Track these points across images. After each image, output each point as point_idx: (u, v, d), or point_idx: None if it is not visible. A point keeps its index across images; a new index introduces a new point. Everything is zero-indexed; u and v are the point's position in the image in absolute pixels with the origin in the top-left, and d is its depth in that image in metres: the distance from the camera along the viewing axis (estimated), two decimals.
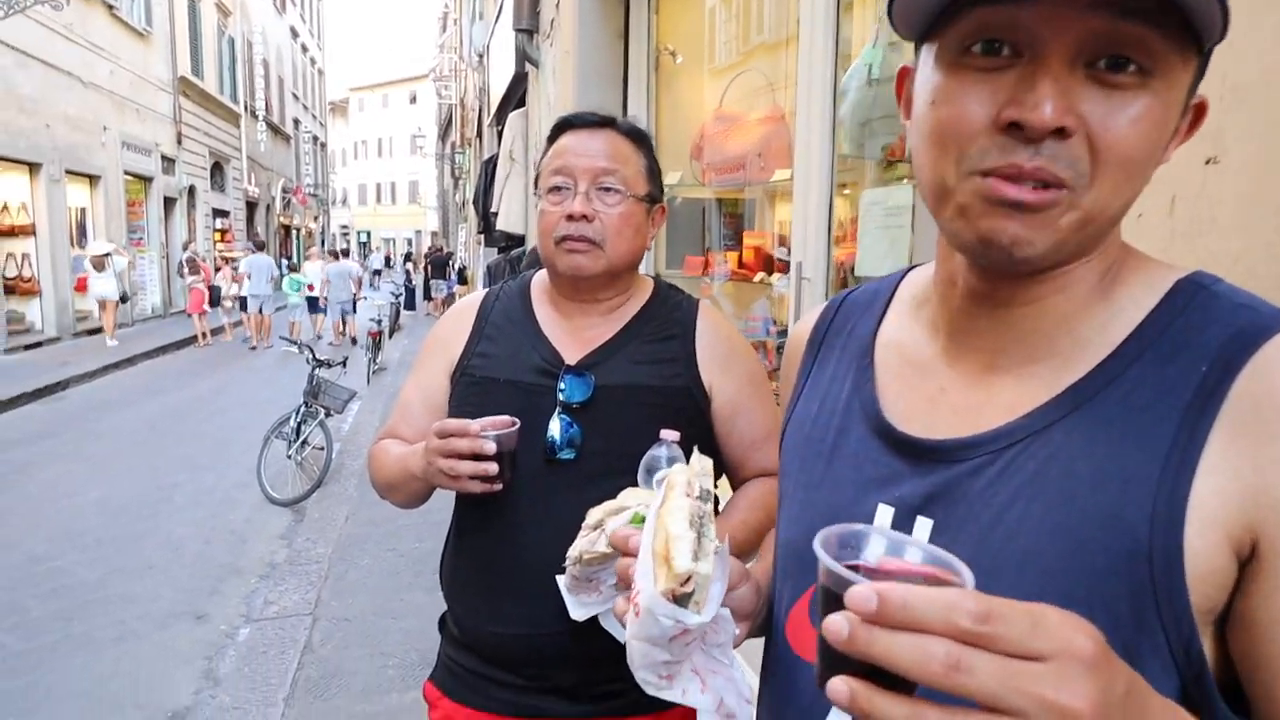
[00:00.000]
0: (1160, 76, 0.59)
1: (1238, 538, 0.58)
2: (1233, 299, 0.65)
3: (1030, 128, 0.59)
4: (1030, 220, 0.61)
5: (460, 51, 20.09)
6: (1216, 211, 1.04)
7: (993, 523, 0.65)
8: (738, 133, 3.79)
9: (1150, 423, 0.61)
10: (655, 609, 0.72)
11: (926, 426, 0.73)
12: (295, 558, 5.05)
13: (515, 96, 8.61)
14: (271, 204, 32.04)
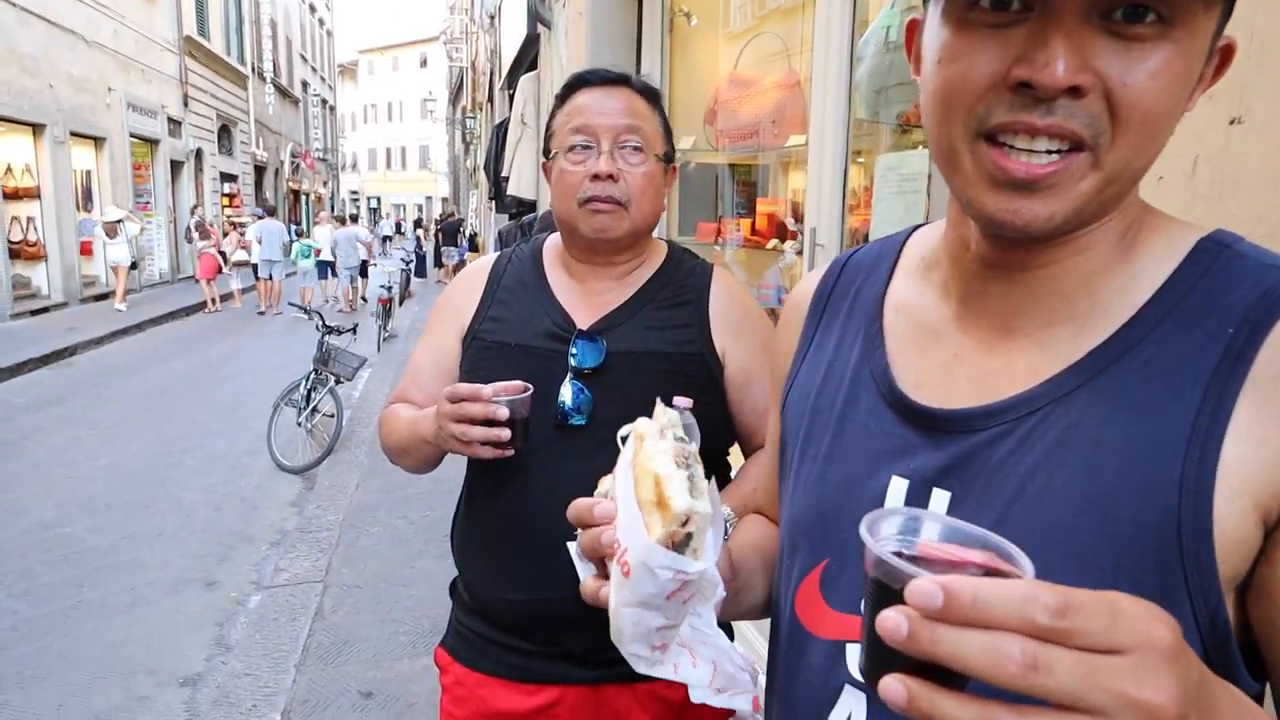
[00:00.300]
0: (1181, 25, 0.56)
1: (1265, 505, 0.57)
2: (1259, 259, 0.63)
3: (1042, 87, 0.56)
4: (1045, 195, 0.59)
5: (471, 13, 19.84)
6: (1240, 173, 1.01)
7: (1014, 494, 0.63)
8: (752, 98, 3.71)
9: (1177, 388, 0.59)
10: (652, 560, 0.66)
11: (940, 395, 0.70)
12: (306, 525, 5.06)
13: (527, 59, 8.48)
14: (280, 168, 31.92)
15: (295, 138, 34.71)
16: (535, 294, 1.51)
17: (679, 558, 0.66)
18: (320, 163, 39.91)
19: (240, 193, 25.48)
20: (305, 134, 36.99)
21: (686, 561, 0.66)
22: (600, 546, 0.71)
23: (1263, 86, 0.97)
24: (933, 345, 0.73)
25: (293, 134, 34.30)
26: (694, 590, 0.70)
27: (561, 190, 1.45)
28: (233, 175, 25.25)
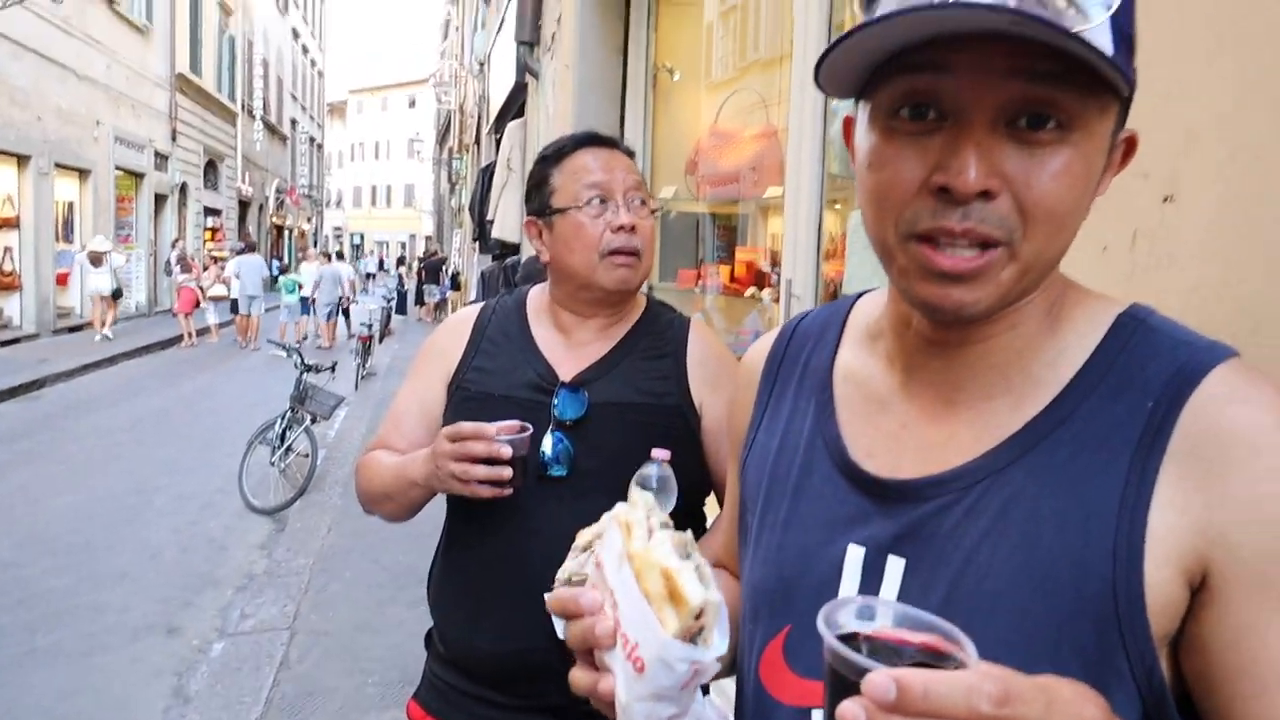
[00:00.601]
0: (1079, 129, 0.62)
1: (1189, 569, 0.61)
2: (1171, 334, 0.68)
3: (956, 192, 0.61)
4: (971, 284, 0.64)
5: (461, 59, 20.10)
6: (1174, 246, 1.07)
7: (964, 563, 0.66)
8: (732, 149, 3.76)
9: (1105, 460, 0.64)
10: (669, 655, 0.66)
11: (891, 464, 0.74)
12: (274, 569, 4.97)
13: (515, 106, 8.57)
14: (265, 204, 31.95)
15: (282, 174, 34.80)
16: (519, 345, 1.54)
17: (695, 649, 0.66)
18: (305, 199, 39.99)
19: (223, 227, 25.45)
20: (292, 170, 37.10)
21: (702, 651, 0.66)
22: (592, 639, 0.70)
23: (1190, 170, 1.04)
24: (881, 415, 0.77)
25: (279, 170, 34.39)
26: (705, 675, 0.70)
27: (580, 244, 1.48)
28: (217, 209, 25.23)
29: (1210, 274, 1.02)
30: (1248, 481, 0.60)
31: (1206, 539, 0.61)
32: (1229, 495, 0.60)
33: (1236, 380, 0.63)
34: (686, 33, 4.21)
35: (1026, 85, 0.60)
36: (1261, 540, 0.60)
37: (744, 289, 3.56)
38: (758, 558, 0.81)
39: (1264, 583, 0.59)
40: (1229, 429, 0.61)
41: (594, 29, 4.31)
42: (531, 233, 1.58)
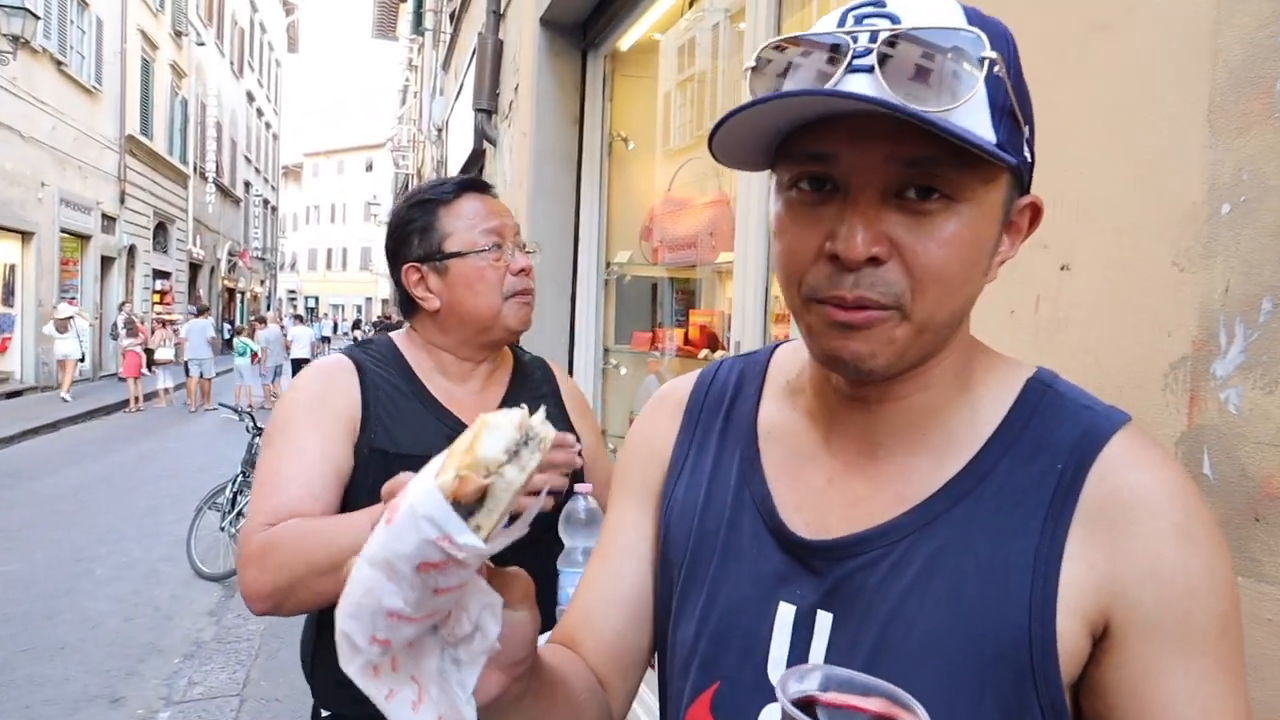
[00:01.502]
0: (964, 200, 0.65)
1: (1093, 620, 0.67)
2: (1075, 399, 0.74)
3: (845, 260, 0.65)
4: (865, 337, 0.67)
5: (419, 124, 20.33)
6: (1071, 311, 1.18)
7: (890, 617, 0.70)
8: (686, 215, 3.89)
9: (1021, 519, 0.69)
10: (420, 505, 0.52)
11: (818, 519, 0.76)
12: (224, 635, 4.87)
13: (472, 172, 8.71)
14: (216, 266, 31.61)
15: (234, 236, 34.53)
16: (417, 399, 1.49)
17: (454, 516, 0.52)
18: (259, 261, 39.66)
19: (173, 290, 25.11)
20: (245, 233, 36.84)
21: (460, 526, 0.52)
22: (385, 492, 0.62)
23: (1084, 240, 1.16)
24: (807, 470, 0.79)
25: (232, 232, 34.14)
26: (457, 592, 0.56)
27: (485, 286, 1.49)
28: (166, 272, 24.92)
29: (1101, 337, 1.14)
30: (1146, 541, 0.66)
31: (1109, 593, 0.66)
32: (1130, 553, 0.66)
33: (1134, 447, 0.70)
34: (641, 103, 4.37)
35: (905, 170, 0.64)
36: (1157, 594, 0.65)
37: (698, 351, 3.66)
38: (685, 613, 0.81)
39: (1159, 634, 0.65)
40: (1129, 493, 0.67)
41: (551, 99, 4.46)
42: (411, 279, 1.52)
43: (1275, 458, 0.94)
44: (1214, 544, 0.68)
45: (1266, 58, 0.96)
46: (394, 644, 0.56)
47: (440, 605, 0.56)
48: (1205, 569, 0.66)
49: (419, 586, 0.53)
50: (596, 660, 0.86)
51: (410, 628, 0.56)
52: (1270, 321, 0.95)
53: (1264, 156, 0.95)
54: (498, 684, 0.63)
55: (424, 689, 0.59)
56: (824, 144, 0.66)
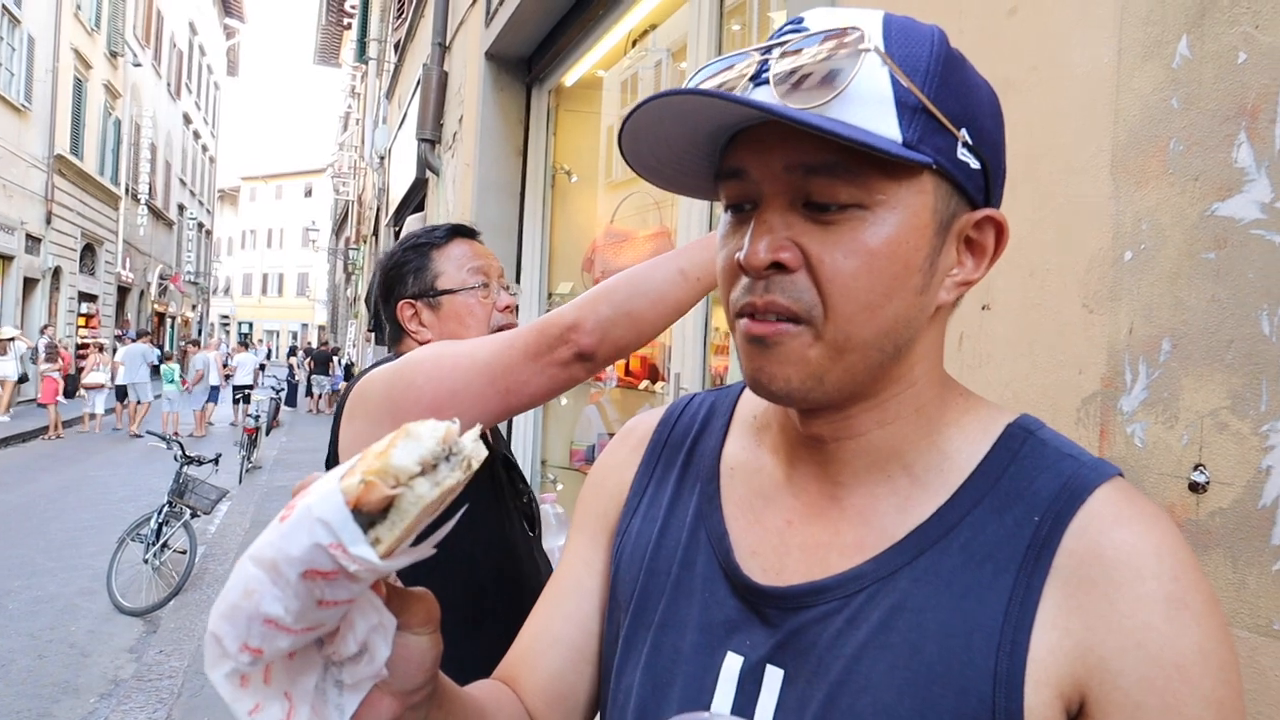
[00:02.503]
0: (877, 207, 0.61)
1: (1067, 695, 0.59)
2: (1059, 447, 0.67)
3: (747, 267, 0.63)
4: (777, 355, 0.63)
5: (361, 151, 20.18)
6: (992, 348, 1.24)
7: (842, 676, 0.63)
8: (628, 247, 3.95)
9: (990, 574, 0.62)
10: (317, 506, 0.48)
11: (775, 564, 0.70)
12: (144, 673, 4.69)
13: (414, 201, 8.67)
14: (146, 290, 30.77)
15: (166, 259, 33.68)
16: None
17: (352, 524, 0.48)
18: (191, 286, 38.71)
19: (100, 313, 24.34)
20: (178, 256, 35.96)
21: (356, 535, 0.48)
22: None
23: (1003, 281, 1.23)
24: (767, 510, 0.73)
25: (164, 256, 33.29)
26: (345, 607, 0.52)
27: (474, 321, 1.63)
28: (93, 295, 24.15)
29: (1016, 372, 1.21)
30: (1130, 608, 0.59)
31: (1086, 665, 0.59)
32: (1110, 620, 0.59)
33: (1120, 501, 0.62)
34: (584, 137, 4.43)
35: (805, 177, 0.61)
36: (1140, 669, 0.58)
37: (639, 382, 3.70)
38: (629, 659, 0.76)
39: (1141, 713, 0.58)
40: (1112, 552, 0.60)
41: (495, 130, 4.50)
42: (405, 314, 1.67)
43: (1177, 488, 1.00)
44: (1211, 616, 0.59)
45: (1161, 119, 1.04)
46: (266, 654, 0.51)
47: (324, 619, 0.51)
48: (1199, 645, 0.58)
49: (303, 595, 0.49)
50: (533, 701, 0.80)
51: (287, 639, 0.51)
52: (1169, 361, 1.01)
53: (1161, 209, 1.03)
54: (389, 711, 0.58)
55: (295, 708, 0.54)
56: (736, 159, 0.65)
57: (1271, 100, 0.92)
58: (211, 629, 0.51)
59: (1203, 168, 0.99)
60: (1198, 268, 0.99)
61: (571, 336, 1.24)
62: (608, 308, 1.25)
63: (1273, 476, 0.90)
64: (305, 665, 0.55)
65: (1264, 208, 0.92)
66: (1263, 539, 0.91)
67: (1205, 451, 0.97)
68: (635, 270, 1.29)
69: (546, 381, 1.25)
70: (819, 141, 0.60)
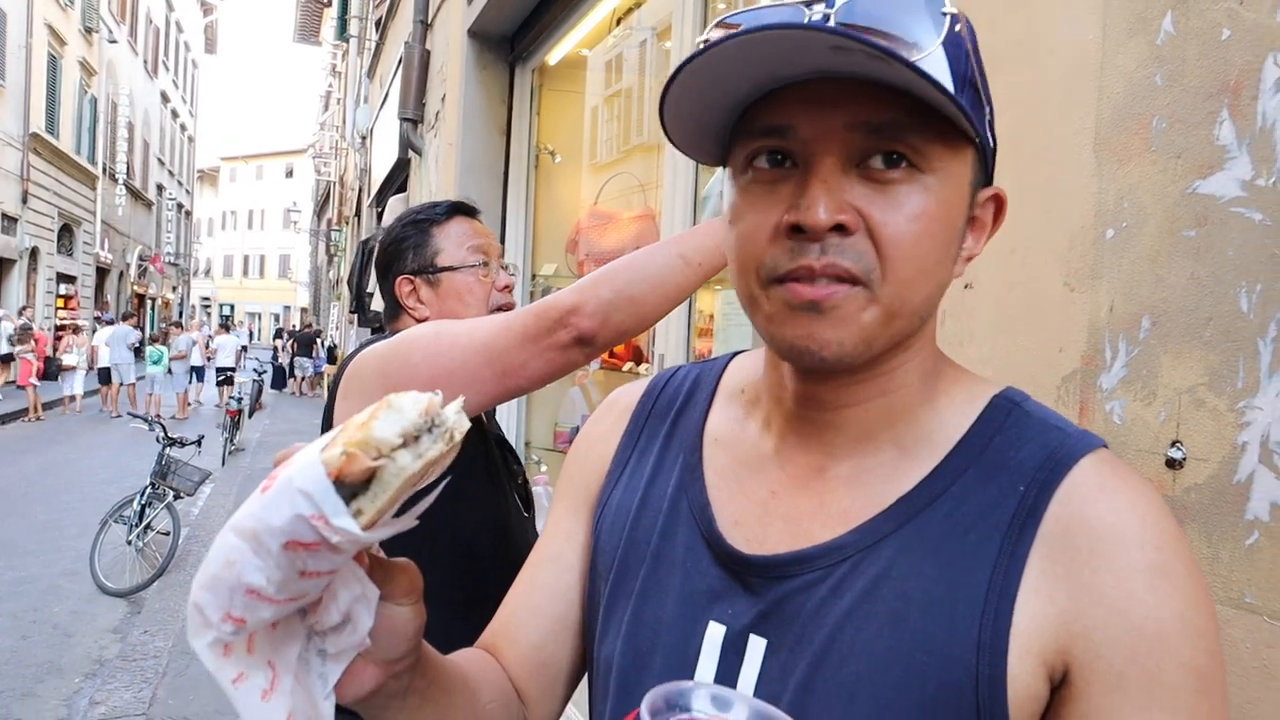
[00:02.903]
0: (930, 172, 0.61)
1: (1051, 663, 0.59)
2: (1044, 418, 0.67)
3: (809, 227, 0.60)
4: (831, 319, 0.62)
5: (342, 131, 19.98)
6: (973, 325, 1.26)
7: (826, 645, 0.63)
8: (612, 229, 3.93)
9: (975, 543, 0.62)
10: (299, 477, 0.48)
11: (757, 534, 0.70)
12: (129, 653, 4.68)
13: (397, 181, 8.60)
14: (126, 271, 30.45)
15: (145, 240, 33.31)
16: None
17: (334, 495, 0.48)
18: (171, 267, 38.33)
19: (79, 294, 24.08)
20: (157, 237, 35.58)
21: (338, 507, 0.48)
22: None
23: (984, 261, 1.24)
24: (751, 481, 0.73)
25: (143, 237, 32.93)
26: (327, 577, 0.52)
27: (473, 299, 1.62)
28: (71, 276, 23.88)
29: (998, 350, 1.22)
30: (1114, 576, 0.59)
31: (1070, 633, 0.59)
32: (1094, 589, 0.59)
33: (1105, 471, 0.63)
34: (568, 117, 4.40)
35: (868, 136, 0.60)
36: (1124, 640, 0.58)
37: (623, 363, 3.70)
38: (609, 629, 0.75)
39: (1124, 685, 0.58)
40: (1096, 521, 0.60)
41: (478, 110, 4.46)
42: (404, 290, 1.65)
43: (1154, 464, 1.01)
44: (1193, 586, 0.60)
45: (1145, 96, 1.04)
46: (249, 623, 0.51)
47: (306, 589, 0.51)
48: (1180, 614, 0.58)
49: (285, 566, 0.49)
50: (515, 671, 0.81)
51: (269, 609, 0.51)
52: (1149, 339, 1.02)
53: (1143, 186, 1.03)
54: (372, 680, 0.59)
55: (278, 677, 0.54)
56: (780, 116, 0.62)
57: (1254, 77, 0.93)
58: (194, 599, 0.51)
59: (1185, 145, 0.99)
60: (1178, 245, 0.99)
61: (571, 320, 1.22)
62: (609, 291, 1.24)
63: (1248, 452, 0.92)
64: (288, 635, 0.55)
65: (1245, 185, 0.93)
66: (1237, 514, 0.92)
67: (1182, 428, 0.98)
68: (635, 255, 1.27)
69: (544, 365, 1.24)
70: (884, 99, 0.59)
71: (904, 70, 0.56)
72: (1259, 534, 0.90)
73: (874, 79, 0.58)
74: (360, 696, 0.60)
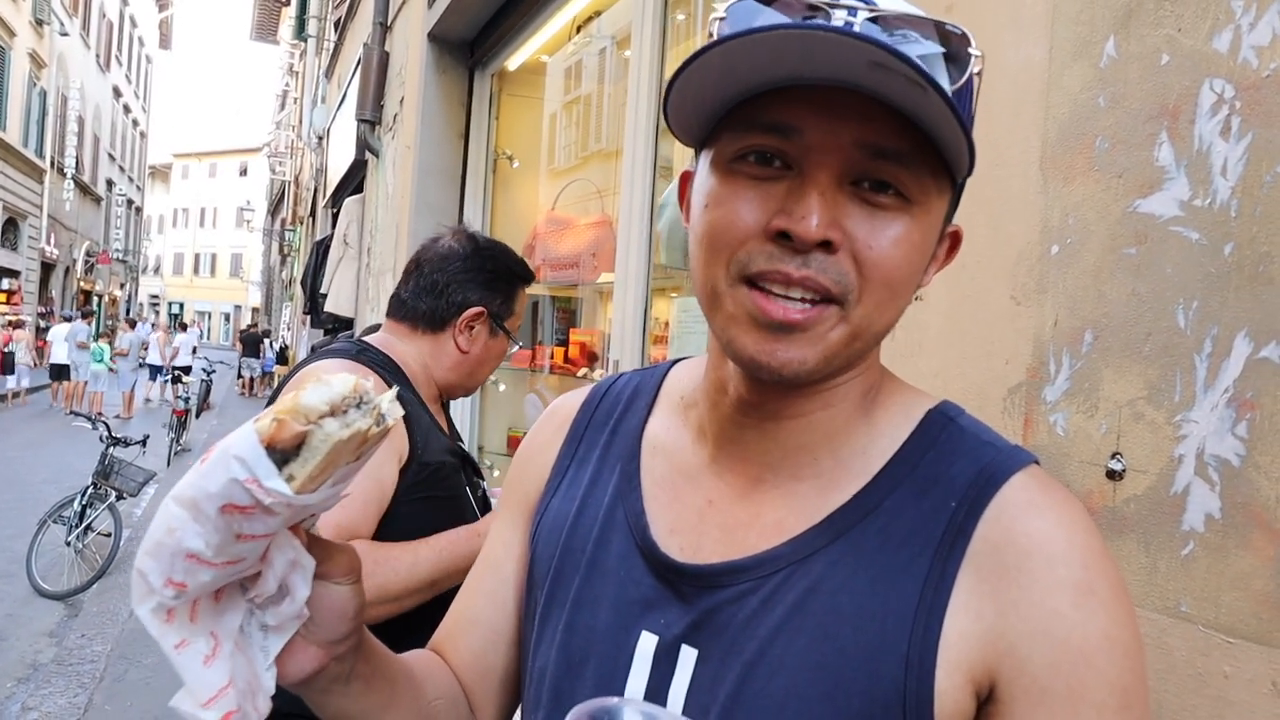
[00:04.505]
0: (918, 204, 0.61)
1: (978, 679, 0.60)
2: (976, 434, 0.68)
3: (798, 238, 0.59)
4: (799, 340, 0.61)
5: (298, 130, 19.71)
6: (923, 338, 1.28)
7: (756, 656, 0.63)
8: (569, 235, 3.93)
9: (906, 558, 0.62)
10: (233, 445, 0.52)
11: (692, 543, 0.70)
12: (65, 657, 4.54)
13: (353, 182, 8.50)
14: (72, 267, 29.67)
15: (94, 236, 32.50)
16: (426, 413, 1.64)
17: (265, 460, 0.51)
18: (119, 264, 37.44)
19: (22, 290, 23.40)
20: (106, 233, 34.72)
21: (270, 470, 0.51)
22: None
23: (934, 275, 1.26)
24: (688, 489, 0.73)
25: (91, 232, 32.12)
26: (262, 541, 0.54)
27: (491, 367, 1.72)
28: (15, 271, 23.21)
29: (946, 361, 1.24)
30: (1040, 594, 0.59)
31: (996, 650, 0.59)
32: (1021, 606, 0.59)
33: (1035, 488, 0.63)
34: (527, 122, 4.40)
35: (870, 159, 0.60)
36: (1048, 655, 0.58)
37: (578, 369, 3.70)
38: (544, 639, 0.75)
39: (1048, 699, 0.58)
40: (1024, 539, 0.61)
41: (437, 113, 4.43)
42: (471, 316, 1.63)
43: (1095, 475, 1.03)
44: (1118, 604, 0.61)
45: (1089, 117, 1.07)
46: (190, 588, 0.54)
47: (242, 552, 0.54)
48: (1105, 632, 0.59)
49: (222, 529, 0.52)
50: (461, 675, 0.81)
51: (209, 573, 0.54)
52: (1091, 352, 1.05)
53: (1087, 204, 1.06)
54: (314, 660, 0.61)
55: (220, 645, 0.57)
56: (789, 115, 0.60)
57: (1191, 101, 0.95)
58: (137, 565, 0.54)
59: (1127, 165, 1.02)
60: (1119, 262, 1.02)
61: None
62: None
63: (1184, 464, 0.94)
64: (230, 607, 0.58)
65: (1182, 205, 0.96)
66: (1174, 524, 0.95)
67: (1122, 440, 1.01)
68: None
69: None
70: (893, 125, 0.59)
71: (938, 103, 0.55)
72: (1194, 544, 0.93)
73: (897, 104, 0.57)
74: (303, 676, 0.61)
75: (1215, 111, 0.93)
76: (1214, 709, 0.90)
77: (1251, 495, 0.88)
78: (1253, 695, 0.87)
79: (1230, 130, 0.92)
